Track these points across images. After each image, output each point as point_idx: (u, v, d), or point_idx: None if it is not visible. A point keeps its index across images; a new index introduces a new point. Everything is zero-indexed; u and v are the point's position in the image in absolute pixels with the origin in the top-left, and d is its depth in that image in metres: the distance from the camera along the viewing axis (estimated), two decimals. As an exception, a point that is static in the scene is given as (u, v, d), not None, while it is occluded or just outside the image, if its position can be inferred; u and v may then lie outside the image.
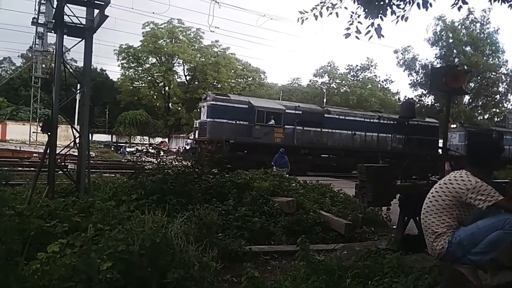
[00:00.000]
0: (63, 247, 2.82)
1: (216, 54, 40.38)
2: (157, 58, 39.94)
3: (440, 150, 24.85)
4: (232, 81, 43.09)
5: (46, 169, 6.94)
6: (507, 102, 45.45)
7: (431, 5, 5.76)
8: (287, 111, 20.78)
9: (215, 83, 40.22)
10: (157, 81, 39.44)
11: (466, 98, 40.93)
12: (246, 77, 46.41)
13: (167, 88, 42.01)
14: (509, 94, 43.94)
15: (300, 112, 21.28)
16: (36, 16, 20.29)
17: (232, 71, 42.83)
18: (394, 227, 6.83)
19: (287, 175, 10.15)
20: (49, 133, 6.85)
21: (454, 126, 27.42)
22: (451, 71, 5.82)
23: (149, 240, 2.87)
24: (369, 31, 5.79)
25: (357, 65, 50.86)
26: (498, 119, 46.29)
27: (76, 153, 7.48)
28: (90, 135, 7.43)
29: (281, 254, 5.77)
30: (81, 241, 2.94)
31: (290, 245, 6.13)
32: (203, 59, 39.68)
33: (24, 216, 3.79)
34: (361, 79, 49.77)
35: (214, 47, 41.16)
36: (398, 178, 5.84)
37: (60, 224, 4.02)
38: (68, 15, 7.04)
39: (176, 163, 7.97)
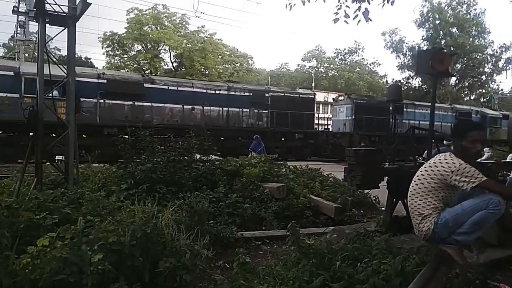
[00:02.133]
0: (53, 240, 2.82)
1: (203, 40, 39.83)
2: (143, 45, 39.20)
3: (316, 126, 23.80)
4: (220, 67, 42.68)
5: (33, 160, 6.87)
6: (493, 83, 45.99)
7: (416, -13, 5.75)
8: (79, 79, 16.35)
9: (202, 70, 39.82)
10: (144, 68, 38.78)
11: (453, 79, 41.26)
12: (233, 62, 46.03)
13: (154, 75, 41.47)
14: (495, 75, 44.41)
15: (105, 81, 16.83)
16: (16, 5, 19.71)
17: (220, 56, 42.35)
18: (383, 209, 6.95)
19: None
20: (35, 124, 6.75)
21: (342, 98, 25.56)
22: (437, 54, 5.87)
23: (140, 231, 2.88)
24: (356, 15, 5.78)
25: (344, 49, 50.72)
26: (484, 99, 46.87)
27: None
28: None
29: (273, 239, 5.85)
30: (72, 233, 2.94)
31: (281, 230, 6.20)
32: (190, 45, 39.10)
33: (12, 209, 3.76)
34: (349, 63, 49.73)
35: (201, 33, 40.56)
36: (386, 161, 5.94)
37: (49, 216, 3.99)
38: (49, 4, 6.88)
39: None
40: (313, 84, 41.68)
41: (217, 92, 19.96)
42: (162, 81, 19.23)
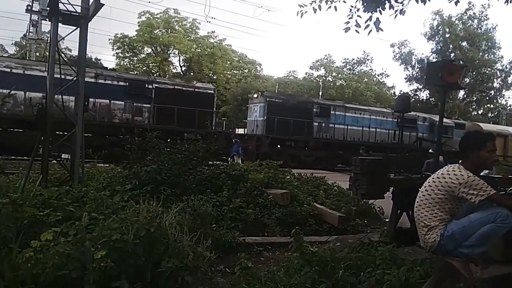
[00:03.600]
0: (56, 236, 2.82)
1: (212, 45, 40.11)
2: (153, 48, 39.56)
3: (214, 125, 19.88)
4: (228, 72, 42.87)
5: (40, 158, 6.91)
6: (501, 98, 45.75)
7: (429, -1, 5.77)
8: None
9: (210, 74, 40.02)
10: (153, 71, 39.06)
11: (461, 93, 41.12)
12: (242, 69, 46.21)
13: (162, 78, 41.51)
14: (504, 90, 44.20)
15: None
16: (30, 3, 19.97)
17: (228, 62, 42.56)
18: (387, 220, 6.90)
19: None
20: (43, 122, 6.80)
21: (256, 96, 22.54)
22: (447, 65, 5.84)
23: (143, 230, 2.87)
24: (368, 25, 5.78)
25: (353, 59, 50.78)
26: (492, 114, 46.60)
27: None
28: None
29: (275, 245, 5.82)
30: (75, 229, 2.94)
31: (283, 236, 6.17)
32: (199, 50, 39.40)
33: (17, 204, 3.76)
34: (357, 73, 49.78)
35: (210, 38, 40.86)
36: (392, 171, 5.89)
37: (53, 213, 4.01)
38: (63, 3, 6.97)
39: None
40: (320, 93, 41.66)
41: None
42: (3, 62, 15.99)
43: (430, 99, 42.71)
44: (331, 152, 22.01)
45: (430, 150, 10.01)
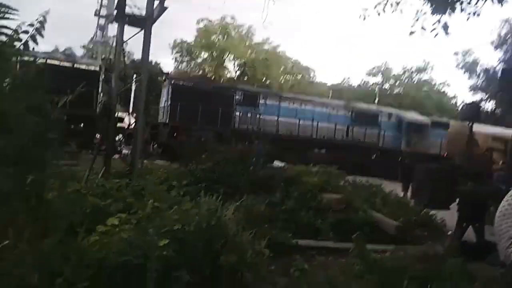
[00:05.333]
0: (120, 223, 2.87)
1: (267, 51, 40.42)
2: (209, 53, 40.60)
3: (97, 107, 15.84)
4: (281, 78, 42.86)
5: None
6: None
7: (506, -1, 5.38)
8: None
9: (264, 80, 40.28)
10: (208, 75, 40.12)
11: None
12: (295, 74, 45.99)
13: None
14: None
15: None
16: (98, 8, 21.28)
17: (282, 67, 42.61)
18: (449, 233, 6.47)
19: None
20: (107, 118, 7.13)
21: (164, 78, 20.38)
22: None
23: (205, 222, 2.86)
24: (434, 29, 5.52)
25: (412, 67, 48.93)
26: None
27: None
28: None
29: (328, 250, 5.64)
30: (137, 219, 2.99)
31: (337, 242, 5.97)
32: (254, 56, 39.87)
33: (81, 194, 3.92)
34: (415, 82, 47.81)
35: (265, 44, 41.22)
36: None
37: (114, 203, 4.13)
38: (129, 6, 7.29)
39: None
40: (376, 101, 40.43)
41: None
42: None
43: (496, 110, 39.96)
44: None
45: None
